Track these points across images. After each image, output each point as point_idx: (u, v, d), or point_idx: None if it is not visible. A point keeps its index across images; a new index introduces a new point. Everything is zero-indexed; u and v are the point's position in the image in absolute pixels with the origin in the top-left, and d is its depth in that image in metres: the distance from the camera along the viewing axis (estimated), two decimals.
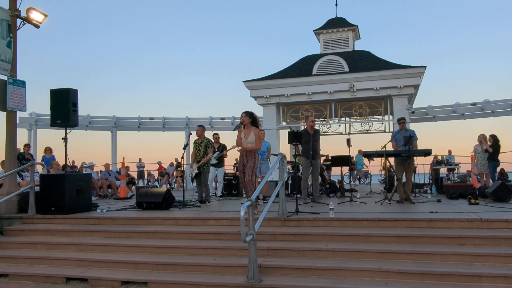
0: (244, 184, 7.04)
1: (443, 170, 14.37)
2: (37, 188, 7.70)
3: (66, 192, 7.41)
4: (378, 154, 8.42)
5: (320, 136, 9.22)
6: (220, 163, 10.96)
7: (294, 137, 7.77)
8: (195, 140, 9.20)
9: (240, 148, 7.23)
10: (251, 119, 7.00)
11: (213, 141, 9.93)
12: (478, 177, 12.18)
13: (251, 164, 6.92)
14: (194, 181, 9.76)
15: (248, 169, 6.91)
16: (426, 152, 8.34)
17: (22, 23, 8.20)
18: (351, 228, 5.85)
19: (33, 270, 5.58)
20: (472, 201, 7.68)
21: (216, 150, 10.40)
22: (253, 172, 6.91)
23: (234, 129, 7.20)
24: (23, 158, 10.78)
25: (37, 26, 8.38)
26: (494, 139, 10.83)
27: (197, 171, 8.96)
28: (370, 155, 8.65)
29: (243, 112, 7.06)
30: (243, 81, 15.67)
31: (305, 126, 9.03)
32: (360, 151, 17.48)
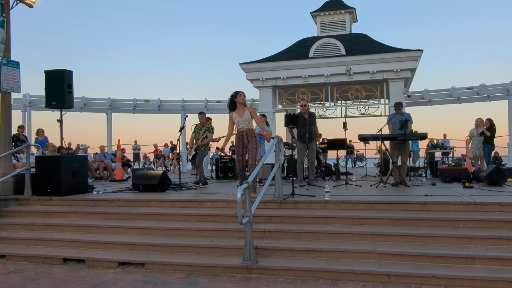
0: (240, 167, 6.89)
1: (438, 154, 14.47)
2: (33, 169, 7.69)
3: (62, 174, 7.39)
4: (374, 137, 8.45)
5: (316, 120, 9.19)
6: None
7: (290, 120, 7.75)
8: (196, 125, 9.19)
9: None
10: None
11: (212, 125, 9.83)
12: (473, 161, 12.27)
13: (254, 145, 6.69)
14: (191, 163, 9.79)
15: (251, 151, 6.67)
16: (422, 136, 8.39)
17: (15, 2, 8.06)
18: (347, 210, 5.89)
19: (30, 251, 5.61)
20: (467, 184, 7.75)
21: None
22: (256, 154, 6.72)
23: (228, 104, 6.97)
24: (17, 140, 10.73)
25: (30, 6, 8.25)
26: (491, 123, 10.89)
27: (194, 152, 8.98)
28: (366, 139, 8.67)
29: (241, 91, 6.80)
30: (239, 64, 15.57)
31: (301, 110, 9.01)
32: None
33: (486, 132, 10.84)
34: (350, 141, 18.74)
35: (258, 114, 11.88)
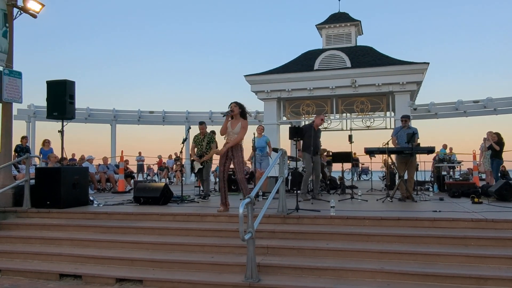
0: (221, 178, 6.79)
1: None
2: (33, 181, 7.56)
3: (61, 186, 7.26)
4: (381, 151, 8.28)
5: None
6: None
7: (295, 133, 7.61)
8: (196, 136, 9.03)
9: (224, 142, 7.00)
10: (240, 110, 6.82)
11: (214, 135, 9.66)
12: (482, 175, 12.07)
13: (240, 160, 6.68)
14: (193, 175, 9.60)
15: (238, 166, 6.65)
16: (430, 150, 8.20)
17: (19, 12, 8.04)
18: (353, 226, 5.70)
19: (26, 265, 5.45)
20: (476, 200, 7.54)
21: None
22: (243, 168, 6.72)
23: (224, 115, 6.90)
24: (20, 150, 10.64)
25: (34, 16, 8.21)
26: (498, 137, 10.72)
27: (201, 167, 8.82)
28: (372, 152, 8.50)
29: (233, 102, 6.80)
30: (244, 76, 15.50)
31: (308, 122, 8.90)
32: (444, 146, 17.04)
33: (495, 146, 10.64)
34: (354, 153, 18.56)
35: (260, 124, 11.80)
